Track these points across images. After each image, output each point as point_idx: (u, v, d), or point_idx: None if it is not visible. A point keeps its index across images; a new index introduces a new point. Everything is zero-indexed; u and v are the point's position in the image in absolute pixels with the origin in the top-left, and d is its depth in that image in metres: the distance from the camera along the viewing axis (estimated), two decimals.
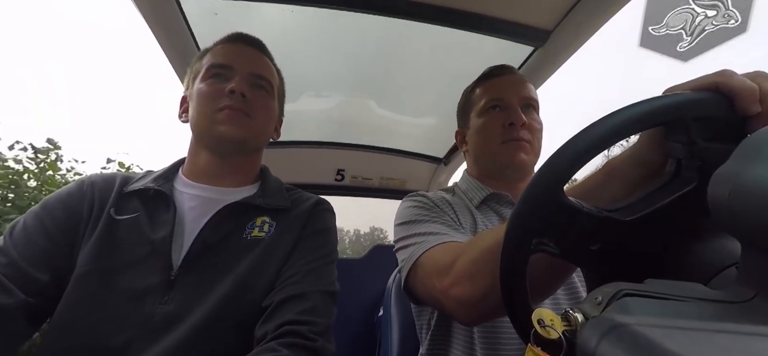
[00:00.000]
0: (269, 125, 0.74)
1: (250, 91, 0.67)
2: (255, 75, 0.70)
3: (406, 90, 1.33)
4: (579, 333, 0.26)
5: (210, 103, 0.66)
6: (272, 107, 0.73)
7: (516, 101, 0.78)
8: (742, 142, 0.26)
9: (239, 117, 0.65)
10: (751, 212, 0.22)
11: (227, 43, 0.73)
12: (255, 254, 0.61)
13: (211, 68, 0.69)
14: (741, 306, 0.23)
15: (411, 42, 1.08)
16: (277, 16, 0.96)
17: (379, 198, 1.79)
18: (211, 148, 0.68)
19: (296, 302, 0.57)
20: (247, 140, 0.68)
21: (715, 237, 0.32)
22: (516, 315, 0.37)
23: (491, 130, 0.79)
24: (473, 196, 0.80)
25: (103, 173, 0.69)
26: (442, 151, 1.61)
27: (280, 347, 0.51)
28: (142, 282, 0.55)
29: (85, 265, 0.55)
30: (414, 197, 0.78)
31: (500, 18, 0.92)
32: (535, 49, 1.00)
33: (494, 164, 0.79)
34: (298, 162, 1.63)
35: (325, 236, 0.69)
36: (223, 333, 0.55)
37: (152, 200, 0.64)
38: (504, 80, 0.82)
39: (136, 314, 0.53)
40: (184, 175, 0.70)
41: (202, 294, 0.56)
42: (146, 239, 0.59)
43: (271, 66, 0.76)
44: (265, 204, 0.68)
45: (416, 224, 0.68)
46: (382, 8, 0.91)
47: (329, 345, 0.57)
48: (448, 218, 0.71)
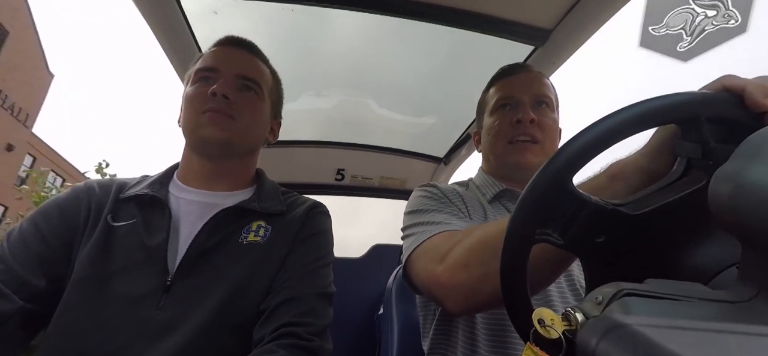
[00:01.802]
0: (257, 126, 0.72)
1: (234, 92, 0.67)
2: (240, 76, 0.69)
3: (406, 90, 1.33)
4: (579, 332, 0.26)
5: (195, 106, 0.66)
6: (260, 109, 0.72)
7: (526, 99, 0.77)
8: (743, 141, 0.26)
9: (222, 119, 0.65)
10: (752, 212, 0.22)
11: (216, 47, 0.73)
12: (251, 259, 0.61)
13: (198, 72, 0.69)
14: (741, 306, 0.23)
15: (411, 42, 1.07)
16: (277, 15, 0.96)
17: (380, 198, 1.79)
18: (198, 151, 0.68)
19: (292, 304, 0.57)
20: (231, 141, 0.67)
21: (716, 237, 0.32)
22: (516, 313, 0.37)
23: (500, 129, 0.78)
24: (486, 191, 0.79)
25: (100, 180, 0.69)
26: (442, 151, 1.61)
27: (278, 348, 0.51)
28: (139, 287, 0.55)
29: (81, 271, 0.55)
30: (425, 187, 0.77)
31: (500, 17, 0.92)
32: (535, 48, 1.00)
33: (503, 164, 0.79)
34: (298, 162, 1.63)
35: (320, 240, 0.69)
36: (221, 338, 0.55)
37: (148, 206, 0.64)
38: (516, 78, 0.81)
39: (132, 319, 0.53)
40: (179, 179, 0.70)
41: (198, 299, 0.56)
42: (142, 245, 0.59)
43: (262, 67, 0.74)
44: (261, 209, 0.68)
45: (423, 214, 0.67)
46: (383, 8, 0.91)
47: (326, 344, 0.57)
48: (455, 209, 0.70)
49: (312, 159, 1.63)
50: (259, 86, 0.72)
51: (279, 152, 1.56)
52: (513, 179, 0.78)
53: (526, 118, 0.74)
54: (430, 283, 0.54)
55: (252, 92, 0.70)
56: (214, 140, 0.65)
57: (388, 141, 1.60)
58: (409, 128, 1.54)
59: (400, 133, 1.56)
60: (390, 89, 1.33)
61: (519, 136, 0.75)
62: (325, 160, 1.64)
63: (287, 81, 0.83)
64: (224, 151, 0.68)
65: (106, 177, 1.52)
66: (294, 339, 0.53)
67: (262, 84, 0.72)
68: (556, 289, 0.67)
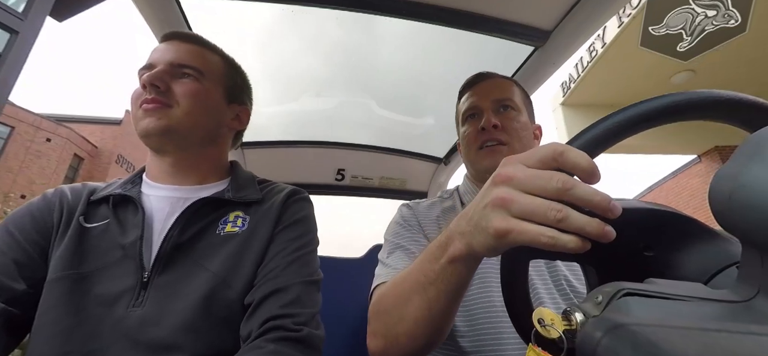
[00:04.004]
0: (201, 112, 0.68)
1: (168, 81, 0.65)
2: (175, 65, 0.67)
3: (406, 90, 1.33)
4: (579, 332, 0.26)
5: (134, 103, 0.65)
6: (204, 94, 0.68)
7: (488, 105, 0.82)
8: (743, 141, 0.26)
9: (155, 109, 0.63)
10: (752, 212, 0.22)
11: (158, 44, 0.72)
12: (230, 250, 0.61)
13: (139, 71, 0.68)
14: (741, 306, 0.23)
15: (411, 42, 1.08)
16: (277, 15, 0.97)
17: (380, 198, 1.79)
18: (148, 146, 0.67)
19: (278, 296, 0.57)
20: (170, 129, 0.64)
21: (715, 237, 0.32)
22: (516, 313, 0.37)
23: (469, 137, 0.84)
24: (469, 200, 0.82)
25: (71, 185, 0.69)
26: (442, 151, 1.61)
27: (266, 343, 0.51)
28: (115, 286, 0.55)
29: (55, 272, 0.55)
30: (401, 209, 0.85)
31: (500, 18, 0.92)
32: (535, 49, 1.00)
33: (478, 170, 0.83)
34: (298, 162, 1.63)
35: (303, 226, 0.68)
36: (206, 333, 0.54)
37: (120, 206, 0.64)
38: (477, 87, 0.87)
39: (110, 317, 0.53)
40: (148, 178, 0.69)
41: (177, 293, 0.56)
42: (117, 244, 0.58)
43: (204, 53, 0.72)
44: (237, 198, 0.67)
45: (386, 247, 0.76)
46: (383, 8, 0.91)
47: (317, 331, 0.57)
48: (417, 244, 0.75)
49: (312, 159, 1.63)
50: (199, 72, 0.69)
51: (279, 152, 1.56)
52: None
53: (488, 124, 0.79)
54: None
55: (190, 79, 0.68)
56: (151, 130, 0.63)
57: (388, 141, 1.60)
58: (409, 129, 1.54)
59: (400, 133, 1.56)
60: (390, 89, 1.33)
61: (487, 142, 0.80)
62: (325, 160, 1.64)
63: (287, 81, 0.83)
64: (167, 140, 0.66)
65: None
66: (282, 332, 0.53)
67: (202, 69, 0.69)
68: (541, 282, 0.68)
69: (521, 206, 0.33)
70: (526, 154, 0.35)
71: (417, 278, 0.47)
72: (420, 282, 0.47)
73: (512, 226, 0.33)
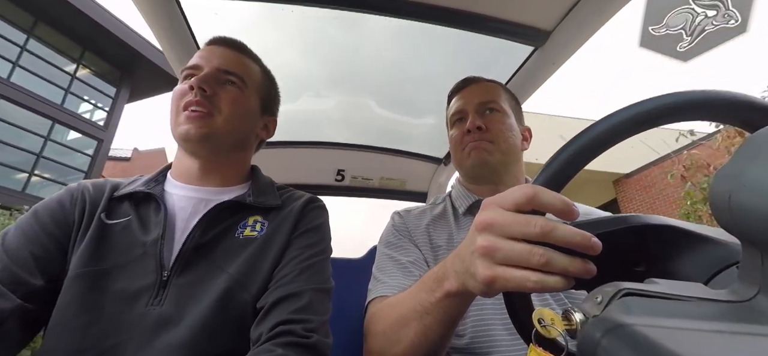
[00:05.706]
0: (240, 120, 0.71)
1: (214, 86, 0.66)
2: (221, 70, 0.68)
3: (406, 90, 1.33)
4: (579, 332, 0.26)
5: (176, 103, 0.66)
6: (244, 103, 0.71)
7: (472, 109, 0.85)
8: (744, 141, 0.26)
9: (199, 116, 0.64)
10: (752, 212, 0.22)
11: (204, 47, 0.74)
12: (248, 254, 0.61)
13: (184, 71, 0.69)
14: (741, 306, 0.23)
15: (411, 42, 1.07)
16: (277, 16, 0.96)
17: (380, 198, 1.79)
18: (183, 148, 0.68)
19: (289, 301, 0.57)
20: (210, 136, 0.65)
21: (715, 237, 0.32)
22: (516, 313, 0.37)
23: (456, 140, 0.87)
24: (460, 204, 0.85)
25: (94, 180, 0.69)
26: (442, 151, 1.61)
27: (275, 347, 0.51)
28: (135, 283, 0.55)
29: (76, 268, 0.55)
30: (393, 217, 0.87)
31: (500, 18, 0.92)
32: (535, 49, 1.00)
33: (466, 170, 0.86)
34: (298, 162, 1.63)
35: (318, 234, 0.69)
36: (219, 334, 0.55)
37: (143, 203, 0.64)
38: (465, 92, 0.90)
39: (129, 315, 0.53)
40: (173, 177, 0.70)
41: (196, 294, 0.56)
42: (138, 241, 0.59)
43: (247, 62, 0.74)
44: (257, 203, 0.68)
45: (379, 259, 0.78)
46: (383, 8, 0.90)
47: (325, 339, 0.57)
48: (408, 254, 0.76)
49: (312, 159, 1.63)
50: (242, 81, 0.71)
51: (279, 152, 1.56)
52: (477, 181, 0.85)
53: (472, 126, 0.82)
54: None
55: (234, 86, 0.70)
56: (192, 135, 0.64)
57: (388, 142, 1.60)
58: (409, 129, 1.54)
59: (401, 133, 1.56)
60: (390, 90, 1.33)
61: (470, 144, 0.83)
62: (325, 160, 1.64)
63: (287, 81, 0.83)
64: (205, 147, 0.67)
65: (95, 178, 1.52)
66: (291, 337, 0.53)
67: (245, 78, 0.71)
68: None
69: (504, 253, 0.33)
70: (501, 196, 0.36)
71: (414, 306, 0.49)
72: (417, 311, 0.49)
73: (498, 274, 0.33)
